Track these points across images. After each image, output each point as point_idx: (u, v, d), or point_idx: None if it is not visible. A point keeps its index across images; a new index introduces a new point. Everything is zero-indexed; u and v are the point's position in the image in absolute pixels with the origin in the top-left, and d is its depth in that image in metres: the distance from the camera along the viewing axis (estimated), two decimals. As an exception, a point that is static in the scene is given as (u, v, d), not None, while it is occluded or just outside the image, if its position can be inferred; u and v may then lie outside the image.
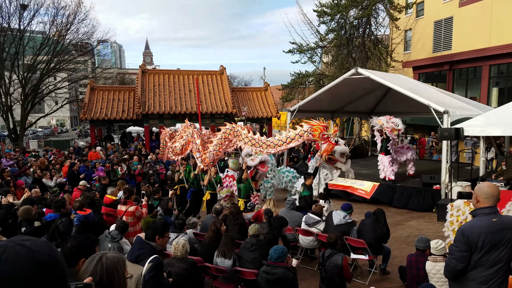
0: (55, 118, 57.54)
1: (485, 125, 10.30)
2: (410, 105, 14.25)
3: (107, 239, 5.84)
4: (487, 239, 3.26)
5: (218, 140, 9.90)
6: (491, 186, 3.46)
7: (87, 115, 20.40)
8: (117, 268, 2.07)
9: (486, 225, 3.29)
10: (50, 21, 25.82)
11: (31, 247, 1.25)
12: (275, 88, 27.92)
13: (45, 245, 1.31)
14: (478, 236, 3.27)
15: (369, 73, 13.07)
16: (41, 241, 1.32)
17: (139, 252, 4.23)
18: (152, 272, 3.87)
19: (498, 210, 3.39)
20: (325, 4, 22.75)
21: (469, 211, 3.94)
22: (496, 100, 19.33)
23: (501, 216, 3.37)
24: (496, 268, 3.27)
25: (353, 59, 23.01)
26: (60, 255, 1.35)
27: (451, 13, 21.95)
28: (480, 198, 3.40)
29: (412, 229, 9.94)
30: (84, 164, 13.73)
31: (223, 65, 23.80)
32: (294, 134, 8.70)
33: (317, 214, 7.63)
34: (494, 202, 3.37)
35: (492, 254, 3.27)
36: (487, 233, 3.27)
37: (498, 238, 3.26)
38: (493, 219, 3.31)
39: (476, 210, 3.44)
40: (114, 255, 2.13)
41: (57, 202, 6.49)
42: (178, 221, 6.72)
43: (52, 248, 1.33)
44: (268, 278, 4.86)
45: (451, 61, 21.43)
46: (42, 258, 1.25)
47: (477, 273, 3.31)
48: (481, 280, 3.30)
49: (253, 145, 9.25)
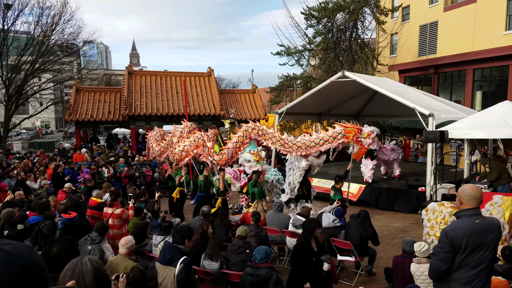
0: (40, 120, 56.60)
1: (469, 128, 10.47)
2: (395, 108, 14.43)
3: (87, 241, 5.76)
4: (470, 240, 3.30)
5: (238, 138, 9.49)
6: (474, 188, 3.52)
7: (72, 116, 20.15)
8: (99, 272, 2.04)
9: (469, 227, 3.34)
10: (35, 21, 25.45)
11: (10, 251, 1.24)
12: (263, 91, 27.97)
13: (25, 249, 1.29)
14: (461, 237, 3.32)
15: (356, 77, 13.18)
16: (21, 245, 1.31)
17: (170, 256, 4.80)
18: (184, 271, 4.53)
19: (480, 212, 3.45)
20: (313, 7, 22.89)
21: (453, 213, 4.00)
22: (480, 104, 19.67)
23: (484, 218, 3.43)
24: (479, 269, 3.32)
25: (340, 63, 23.18)
26: (41, 259, 1.33)
27: (436, 17, 22.29)
28: (464, 200, 3.46)
29: (397, 231, 10.04)
30: (69, 166, 13.56)
31: (211, 67, 23.76)
32: (327, 136, 8.43)
33: (304, 216, 7.66)
34: (477, 203, 3.43)
35: (475, 255, 3.32)
36: (470, 234, 3.31)
37: (481, 239, 3.31)
38: (476, 220, 3.36)
39: (460, 212, 3.49)
40: (94, 259, 2.10)
41: (41, 204, 6.39)
42: (164, 224, 6.68)
43: (33, 252, 1.31)
44: (252, 280, 4.85)
45: (436, 65, 21.75)
46: (23, 262, 1.24)
47: (461, 273, 3.36)
48: (465, 281, 3.34)
49: (282, 145, 8.89)
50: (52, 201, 7.27)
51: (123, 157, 15.48)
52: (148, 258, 6.35)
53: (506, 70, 18.22)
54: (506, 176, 11.16)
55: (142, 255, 6.48)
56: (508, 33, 17.98)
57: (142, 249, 6.53)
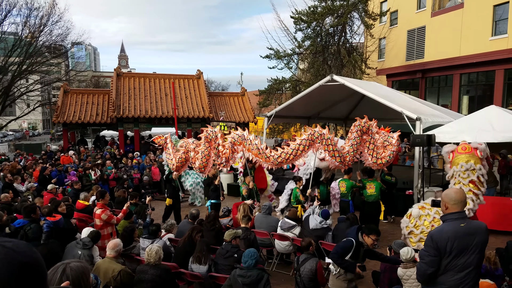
0: (27, 121, 55.86)
1: (456, 132, 10.58)
2: (383, 111, 14.51)
3: (78, 245, 5.69)
4: (455, 243, 3.33)
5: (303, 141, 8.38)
6: (458, 191, 3.55)
7: (60, 118, 19.94)
8: (83, 278, 2.02)
9: (453, 230, 3.37)
10: (23, 22, 25.21)
11: (12, 248, 1.25)
12: (252, 94, 28.00)
13: (25, 246, 1.31)
14: (446, 240, 3.35)
15: (344, 80, 13.25)
16: (22, 242, 1.33)
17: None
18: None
19: (466, 215, 3.48)
20: (302, 11, 23.02)
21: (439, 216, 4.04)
22: (467, 108, 19.94)
23: (469, 221, 3.45)
24: (465, 273, 3.34)
25: (328, 66, 23.33)
26: (40, 257, 1.35)
27: (424, 22, 22.58)
28: (449, 205, 3.49)
29: (385, 233, 10.09)
30: (56, 168, 13.40)
31: (200, 69, 23.72)
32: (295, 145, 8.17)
33: (292, 219, 7.67)
34: (462, 207, 3.46)
35: (461, 258, 3.34)
36: (455, 238, 3.34)
37: (466, 243, 3.34)
38: (461, 224, 3.39)
39: (445, 216, 3.52)
40: (78, 265, 2.07)
41: (27, 207, 6.29)
42: (152, 227, 6.63)
43: (33, 250, 1.33)
44: (244, 281, 4.84)
45: (423, 69, 22.01)
46: (24, 259, 1.25)
47: (447, 277, 3.38)
48: (452, 284, 3.37)
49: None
50: (38, 203, 7.18)
51: (110, 159, 15.35)
52: (136, 261, 6.30)
53: (492, 75, 18.52)
54: (492, 180, 11.30)
55: (129, 258, 6.43)
56: (494, 39, 18.29)
57: (129, 252, 6.47)
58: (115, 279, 4.96)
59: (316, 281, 5.39)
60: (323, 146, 8.09)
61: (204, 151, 8.97)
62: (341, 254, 4.94)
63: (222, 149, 8.72)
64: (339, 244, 4.99)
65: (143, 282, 4.96)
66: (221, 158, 8.74)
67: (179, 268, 5.87)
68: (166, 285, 5.04)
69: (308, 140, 8.10)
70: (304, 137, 8.21)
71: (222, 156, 8.70)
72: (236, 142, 8.63)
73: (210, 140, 8.99)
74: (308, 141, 8.10)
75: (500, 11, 18.24)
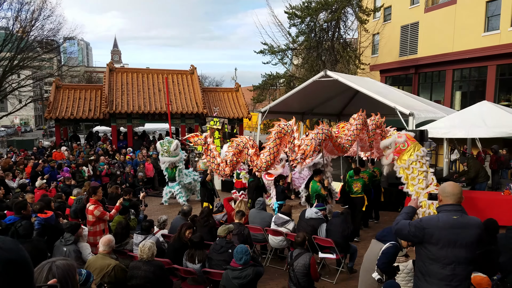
0: (19, 117, 55.46)
1: (449, 127, 10.65)
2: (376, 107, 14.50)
3: (62, 243, 5.63)
4: (443, 233, 3.36)
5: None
6: (452, 185, 3.58)
7: (52, 114, 19.76)
8: (69, 275, 1.99)
9: (444, 221, 3.40)
10: (14, 17, 24.91)
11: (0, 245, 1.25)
12: (246, 89, 27.94)
13: (12, 243, 1.30)
14: (434, 228, 3.40)
15: (338, 76, 13.27)
16: (8, 239, 1.32)
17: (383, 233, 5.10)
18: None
19: (461, 209, 3.47)
20: (296, 6, 22.97)
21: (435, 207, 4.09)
22: (459, 103, 20.05)
23: (464, 216, 3.45)
24: (453, 266, 3.36)
25: (322, 62, 23.33)
26: (27, 254, 1.34)
27: (417, 18, 22.63)
28: (442, 197, 3.55)
29: (378, 229, 10.14)
30: (49, 164, 13.29)
31: (193, 64, 23.60)
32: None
33: (286, 214, 7.69)
34: (456, 200, 3.48)
35: (450, 251, 3.35)
36: (444, 228, 3.37)
37: (455, 236, 3.35)
38: (454, 216, 3.41)
39: (440, 207, 3.58)
40: (64, 263, 2.03)
41: (18, 203, 6.22)
42: (145, 223, 6.60)
43: (20, 247, 1.32)
44: (241, 283, 4.81)
45: (416, 65, 22.09)
46: (10, 256, 1.25)
47: (436, 269, 3.41)
48: (441, 277, 3.39)
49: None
50: (29, 199, 7.12)
51: (103, 155, 15.27)
52: (129, 257, 6.28)
53: (485, 70, 18.62)
54: (484, 175, 11.40)
55: (122, 254, 6.41)
56: (486, 35, 18.38)
57: (122, 248, 6.45)
58: (109, 274, 4.94)
59: (309, 275, 5.41)
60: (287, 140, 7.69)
61: (272, 148, 7.72)
62: (391, 261, 4.82)
63: (302, 143, 7.59)
64: (387, 252, 4.78)
65: (136, 278, 4.94)
66: (297, 153, 7.57)
67: (173, 264, 5.86)
68: (160, 281, 5.03)
69: (278, 137, 7.69)
70: (273, 135, 7.72)
71: (299, 152, 7.53)
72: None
73: (284, 136, 7.71)
74: (278, 138, 7.69)
75: (493, 7, 18.32)
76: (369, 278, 4.95)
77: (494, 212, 9.73)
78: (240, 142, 8.07)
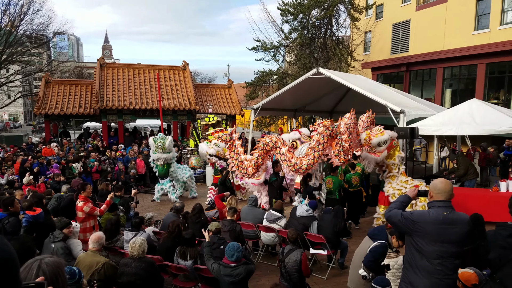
0: (8, 113, 54.79)
1: (439, 124, 10.73)
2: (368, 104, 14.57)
3: (50, 240, 5.57)
4: (432, 228, 3.44)
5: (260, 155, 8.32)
6: (444, 182, 3.65)
7: (41, 109, 19.57)
8: (59, 273, 1.98)
9: (434, 216, 3.48)
10: (2, 11, 24.58)
11: None
12: (239, 86, 27.88)
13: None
14: (424, 223, 3.48)
15: (330, 73, 13.28)
16: None
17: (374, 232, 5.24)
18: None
19: (451, 206, 3.55)
20: (289, 3, 22.94)
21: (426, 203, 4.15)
22: (449, 101, 20.21)
23: (453, 212, 3.53)
24: (441, 261, 3.43)
25: (315, 59, 23.34)
26: (14, 251, 1.32)
27: (409, 16, 22.73)
28: (433, 194, 3.62)
29: (368, 225, 10.21)
30: (38, 160, 13.15)
31: (186, 60, 23.46)
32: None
33: (278, 211, 7.70)
34: (446, 197, 3.55)
35: (438, 246, 3.43)
36: (433, 223, 3.45)
37: (444, 231, 3.43)
38: (444, 212, 3.48)
39: (430, 203, 3.65)
40: (52, 260, 2.01)
41: (5, 200, 6.14)
42: (135, 220, 6.57)
43: (6, 243, 1.31)
44: (232, 281, 4.81)
45: (408, 63, 22.19)
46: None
47: (424, 261, 3.50)
48: (429, 270, 3.47)
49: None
50: (18, 196, 7.03)
51: (93, 151, 15.15)
52: (119, 254, 6.25)
53: (474, 69, 18.77)
54: (473, 172, 11.52)
55: (113, 251, 6.37)
56: (477, 33, 18.52)
57: (113, 245, 6.41)
58: (98, 271, 4.90)
59: (300, 271, 5.43)
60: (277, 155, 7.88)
61: (317, 147, 7.38)
62: (377, 259, 4.83)
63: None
64: (375, 250, 4.75)
65: (127, 275, 4.91)
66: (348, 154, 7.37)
67: (164, 261, 5.84)
68: (151, 278, 5.01)
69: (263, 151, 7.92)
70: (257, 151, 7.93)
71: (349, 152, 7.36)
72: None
73: (332, 137, 7.36)
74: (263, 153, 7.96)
75: (483, 6, 18.46)
76: (358, 274, 5.00)
77: (483, 208, 9.83)
78: (269, 142, 7.76)
